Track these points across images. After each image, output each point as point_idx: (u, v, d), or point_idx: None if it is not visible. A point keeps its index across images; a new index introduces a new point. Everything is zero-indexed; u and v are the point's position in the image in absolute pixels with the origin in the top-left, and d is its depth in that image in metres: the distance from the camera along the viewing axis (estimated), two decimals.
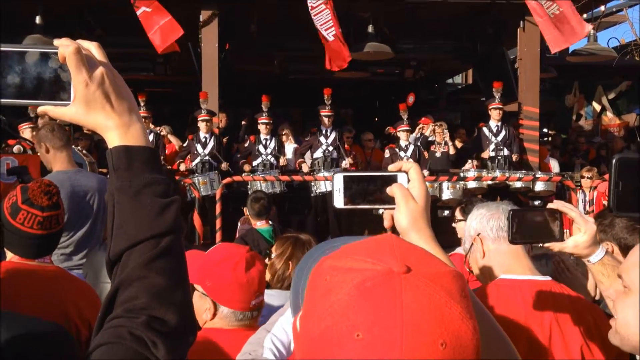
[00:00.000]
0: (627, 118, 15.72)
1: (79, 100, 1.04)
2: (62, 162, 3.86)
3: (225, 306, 2.05)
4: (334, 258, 0.84)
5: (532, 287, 1.91)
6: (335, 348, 0.74)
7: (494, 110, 9.75)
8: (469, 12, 11.48)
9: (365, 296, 0.76)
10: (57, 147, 3.85)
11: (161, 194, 1.06)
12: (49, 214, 2.29)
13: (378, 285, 0.76)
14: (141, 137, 1.09)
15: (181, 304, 1.05)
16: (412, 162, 1.23)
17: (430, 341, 0.73)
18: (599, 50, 11.45)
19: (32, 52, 1.03)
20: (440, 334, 0.73)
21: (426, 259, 0.82)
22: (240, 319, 2.06)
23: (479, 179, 9.26)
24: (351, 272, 0.79)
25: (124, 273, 1.03)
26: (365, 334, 0.73)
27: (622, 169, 1.29)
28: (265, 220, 5.28)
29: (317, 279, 0.82)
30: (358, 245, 0.85)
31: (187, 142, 9.76)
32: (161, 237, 1.04)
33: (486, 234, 1.99)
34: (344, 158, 9.55)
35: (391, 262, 0.78)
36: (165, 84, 14.72)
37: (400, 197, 1.16)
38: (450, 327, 0.74)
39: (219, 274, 2.05)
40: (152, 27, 8.65)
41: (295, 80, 14.63)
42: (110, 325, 1.01)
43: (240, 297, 2.04)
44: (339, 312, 0.76)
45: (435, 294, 0.76)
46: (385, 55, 10.81)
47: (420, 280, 0.77)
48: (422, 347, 0.72)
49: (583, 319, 1.86)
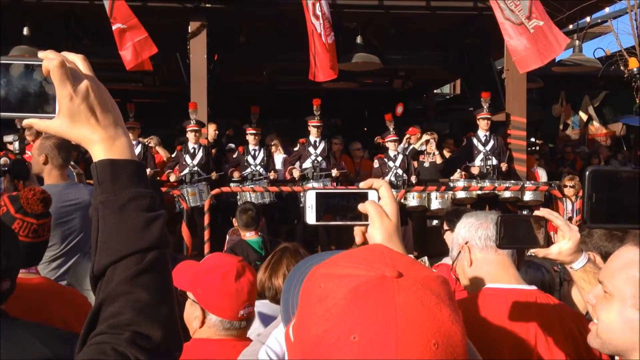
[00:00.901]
0: (613, 127, 15.88)
1: (63, 113, 1.03)
2: (55, 178, 3.89)
3: (214, 314, 2.05)
4: (327, 266, 0.86)
5: (518, 296, 1.92)
6: (332, 351, 0.76)
7: (482, 120, 9.82)
8: (456, 23, 11.58)
9: (360, 300, 0.78)
10: (56, 164, 3.88)
11: (146, 208, 1.05)
12: (43, 221, 2.32)
13: (372, 289, 0.79)
14: (127, 150, 1.07)
15: (166, 319, 1.03)
16: (382, 180, 1.26)
17: (424, 341, 0.75)
18: (584, 60, 11.59)
19: (17, 64, 1.03)
20: (433, 334, 0.76)
21: (415, 266, 0.85)
22: (227, 327, 2.06)
23: (467, 189, 9.31)
24: (346, 278, 0.81)
25: (108, 288, 1.02)
26: (362, 336, 0.75)
27: (595, 181, 1.31)
28: (255, 231, 5.26)
29: (311, 286, 0.84)
30: (350, 254, 0.88)
31: (176, 153, 9.73)
32: (146, 252, 1.03)
33: (474, 242, 2.01)
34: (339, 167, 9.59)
35: (383, 268, 0.81)
36: (153, 95, 14.71)
37: (375, 214, 1.18)
38: (441, 328, 0.77)
39: (209, 282, 2.05)
40: (124, 43, 8.70)
41: (284, 91, 14.66)
42: (94, 342, 1.00)
43: (228, 305, 2.04)
44: (335, 316, 0.78)
45: (426, 297, 0.79)
46: (373, 65, 10.87)
47: (412, 284, 0.80)
48: (416, 348, 0.75)
49: (567, 327, 1.88)
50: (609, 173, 1.35)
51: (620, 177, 1.33)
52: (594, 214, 1.32)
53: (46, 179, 3.88)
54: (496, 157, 9.79)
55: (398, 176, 9.41)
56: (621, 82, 10.63)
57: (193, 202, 9.01)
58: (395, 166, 9.47)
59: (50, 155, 3.86)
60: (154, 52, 8.78)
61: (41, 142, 3.96)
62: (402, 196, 8.81)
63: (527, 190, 9.26)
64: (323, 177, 9.38)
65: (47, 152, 3.86)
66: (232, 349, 1.96)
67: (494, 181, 9.52)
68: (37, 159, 3.88)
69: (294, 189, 9.05)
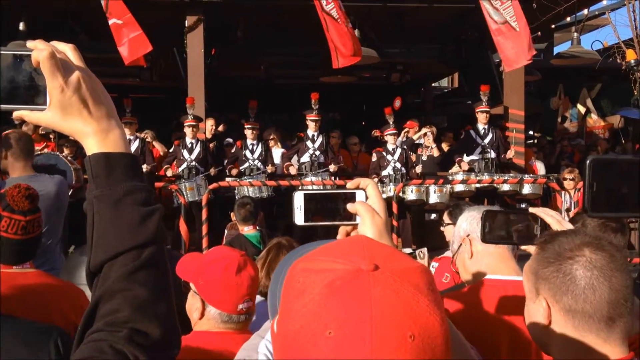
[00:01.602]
0: (611, 120, 15.87)
1: (54, 105, 1.00)
2: (19, 170, 3.90)
3: (213, 306, 2.06)
4: (307, 260, 0.85)
5: (517, 288, 1.93)
6: (309, 346, 0.76)
7: (481, 114, 9.81)
8: (454, 16, 11.56)
9: (335, 295, 0.78)
10: (15, 157, 3.89)
11: (142, 202, 1.03)
12: (31, 217, 2.29)
13: (347, 283, 0.79)
14: (121, 143, 1.05)
15: (165, 316, 1.02)
16: (369, 180, 1.28)
17: (399, 334, 0.75)
18: (582, 52, 11.57)
19: (5, 54, 1.00)
20: (409, 326, 0.75)
21: (394, 257, 0.85)
22: (225, 321, 2.06)
23: (465, 182, 9.30)
24: (322, 272, 0.81)
25: (105, 285, 1.00)
26: (337, 331, 0.75)
27: (596, 170, 1.31)
28: (253, 226, 5.25)
29: (291, 281, 0.83)
30: (330, 247, 0.87)
31: (174, 148, 9.73)
32: (143, 247, 1.01)
33: (475, 235, 2.03)
34: (337, 161, 9.58)
35: (360, 261, 0.80)
36: (151, 90, 14.67)
37: (365, 212, 1.19)
38: (418, 320, 0.76)
39: (210, 273, 2.06)
40: (121, 39, 8.71)
41: (282, 85, 14.63)
42: (91, 339, 0.98)
43: (227, 298, 2.04)
44: (311, 312, 0.78)
45: (403, 289, 0.78)
46: (371, 59, 10.84)
47: (388, 276, 0.79)
48: (391, 341, 0.74)
49: None
50: (610, 162, 1.35)
51: (621, 165, 1.33)
52: (595, 203, 1.32)
53: (11, 173, 3.92)
54: (494, 150, 9.79)
55: (396, 170, 9.41)
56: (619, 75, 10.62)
57: (191, 196, 8.99)
58: (394, 160, 9.47)
59: (9, 148, 3.88)
60: (148, 49, 8.76)
61: (3, 136, 3.98)
62: (400, 190, 8.80)
63: (525, 183, 9.25)
64: (321, 171, 9.37)
65: (6, 146, 3.88)
66: (232, 342, 1.96)
67: (492, 174, 9.51)
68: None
69: (292, 183, 9.04)
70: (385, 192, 8.85)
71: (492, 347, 1.86)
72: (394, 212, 8.33)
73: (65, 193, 3.89)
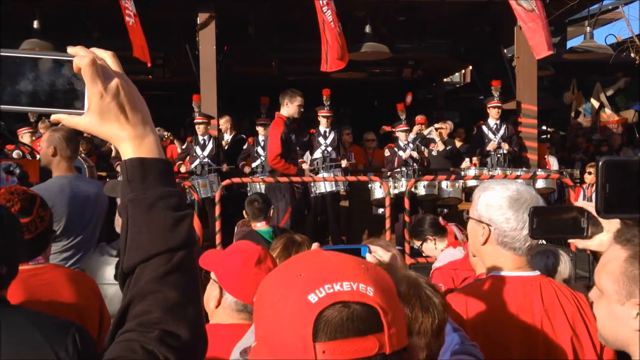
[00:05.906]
0: (625, 114, 15.72)
1: (93, 110, 1.03)
2: (64, 169, 3.92)
3: (230, 294, 2.11)
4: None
5: (523, 282, 1.97)
6: (284, 291, 0.92)
7: (493, 109, 9.77)
8: (466, 11, 11.49)
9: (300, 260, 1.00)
10: (64, 156, 3.91)
11: (175, 207, 1.06)
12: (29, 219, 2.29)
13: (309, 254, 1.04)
14: (155, 148, 1.08)
15: (194, 319, 1.05)
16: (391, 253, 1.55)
17: (356, 265, 0.95)
18: (595, 47, 11.45)
19: (46, 59, 1.02)
20: (362, 262, 0.98)
21: None
22: (240, 309, 2.11)
23: (477, 177, 9.27)
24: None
25: (137, 286, 1.03)
26: (306, 272, 0.93)
27: (609, 171, 1.31)
28: (265, 222, 5.27)
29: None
30: None
31: (186, 145, 9.78)
32: (175, 251, 1.04)
33: (496, 226, 1.99)
34: (347, 158, 9.58)
35: None
36: (163, 87, 14.74)
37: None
38: (370, 264, 0.99)
39: (230, 263, 2.14)
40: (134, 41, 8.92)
41: (293, 82, 14.63)
42: (123, 339, 1.01)
43: (244, 287, 2.08)
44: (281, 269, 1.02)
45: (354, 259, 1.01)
46: (382, 55, 10.82)
47: None
48: (350, 270, 0.93)
49: (569, 308, 1.93)
50: (623, 163, 1.34)
51: (634, 166, 1.32)
52: (608, 204, 1.31)
53: (54, 171, 3.92)
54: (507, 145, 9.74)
55: (408, 165, 9.39)
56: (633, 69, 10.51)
57: (204, 193, 9.04)
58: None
59: (59, 147, 3.90)
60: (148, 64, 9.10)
61: (50, 134, 3.99)
62: (412, 185, 8.78)
63: (538, 179, 9.20)
64: (333, 167, 9.37)
65: (56, 144, 3.90)
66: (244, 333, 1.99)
67: (505, 169, 9.46)
68: (45, 151, 3.92)
69: (304, 179, 9.05)
70: (397, 187, 8.85)
71: (501, 341, 1.87)
72: (406, 207, 8.32)
73: (104, 198, 3.89)
